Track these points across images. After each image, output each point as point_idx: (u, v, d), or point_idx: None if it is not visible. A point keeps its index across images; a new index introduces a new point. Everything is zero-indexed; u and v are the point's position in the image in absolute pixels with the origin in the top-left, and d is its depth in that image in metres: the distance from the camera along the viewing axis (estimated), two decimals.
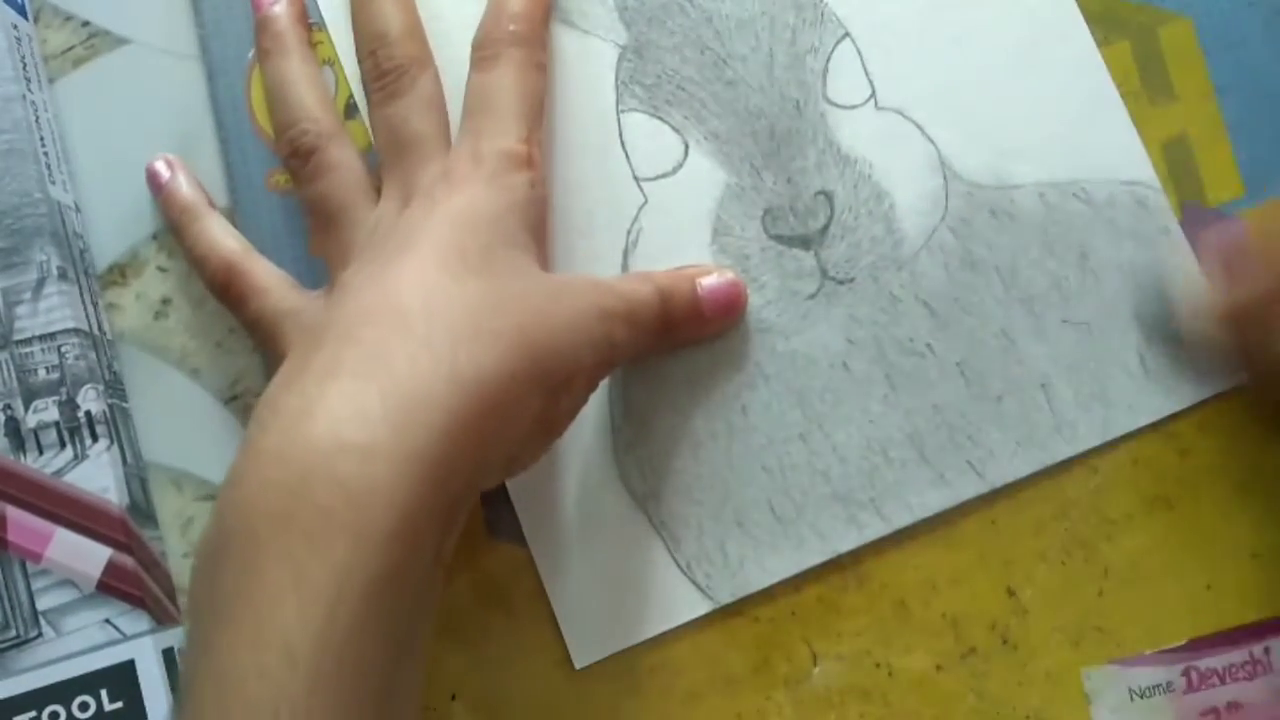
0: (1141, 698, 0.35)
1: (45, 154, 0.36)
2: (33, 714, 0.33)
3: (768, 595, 0.35)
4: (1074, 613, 0.35)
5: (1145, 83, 0.36)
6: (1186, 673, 0.35)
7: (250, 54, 0.37)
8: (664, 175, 0.36)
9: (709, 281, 0.35)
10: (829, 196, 0.36)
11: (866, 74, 0.36)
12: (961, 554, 0.35)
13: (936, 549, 0.35)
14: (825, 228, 0.36)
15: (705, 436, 0.36)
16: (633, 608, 0.35)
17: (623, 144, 0.36)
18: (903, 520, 0.35)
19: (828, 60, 0.36)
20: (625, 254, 0.36)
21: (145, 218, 0.38)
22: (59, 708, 0.34)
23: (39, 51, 0.38)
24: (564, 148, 0.37)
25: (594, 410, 0.36)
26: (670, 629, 0.35)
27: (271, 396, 0.28)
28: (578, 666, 0.35)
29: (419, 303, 0.29)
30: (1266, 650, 0.35)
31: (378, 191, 0.34)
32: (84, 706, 0.34)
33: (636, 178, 0.36)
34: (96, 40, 0.38)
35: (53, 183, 0.36)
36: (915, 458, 0.35)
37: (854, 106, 0.36)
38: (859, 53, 0.36)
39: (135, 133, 0.38)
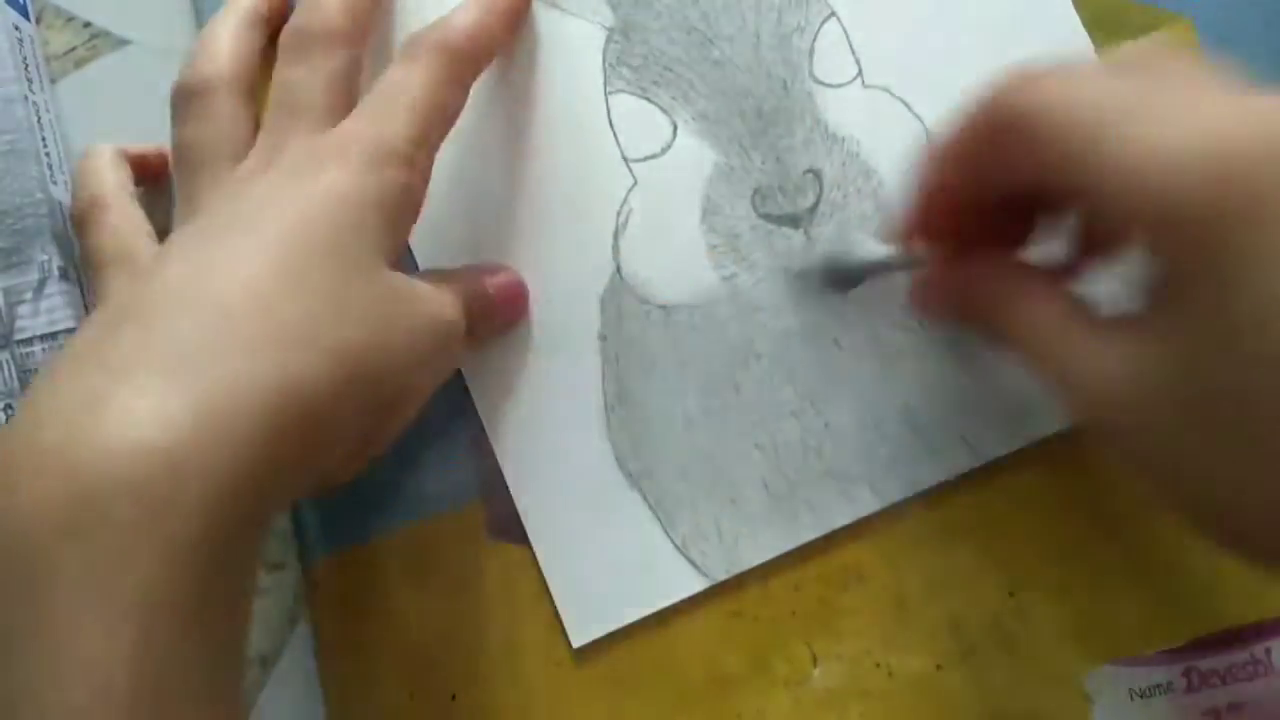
0: (1142, 698, 0.35)
1: (47, 154, 0.36)
2: None
3: (768, 595, 0.35)
4: (1074, 613, 0.35)
5: None
6: (1187, 673, 0.35)
7: None
8: (653, 156, 0.36)
9: (497, 281, 0.35)
10: (817, 175, 0.36)
11: (853, 52, 0.36)
12: (961, 554, 0.35)
13: (937, 549, 0.35)
14: (814, 206, 0.36)
15: (698, 415, 0.36)
16: (629, 585, 0.35)
17: (611, 125, 0.37)
18: (896, 495, 0.35)
19: (814, 39, 0.36)
20: (615, 235, 0.36)
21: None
22: None
23: (41, 52, 0.38)
24: (552, 131, 0.37)
25: (587, 392, 0.36)
26: (669, 613, 0.35)
27: (52, 379, 0.25)
28: (575, 645, 0.35)
29: (248, 301, 0.26)
30: (1268, 651, 0.35)
31: None
32: None
33: (625, 159, 0.37)
34: (98, 41, 0.38)
35: (54, 183, 0.36)
36: (908, 433, 0.35)
37: (841, 85, 0.36)
38: (845, 31, 0.37)
39: (136, 133, 0.38)
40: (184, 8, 0.38)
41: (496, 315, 0.35)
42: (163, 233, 0.33)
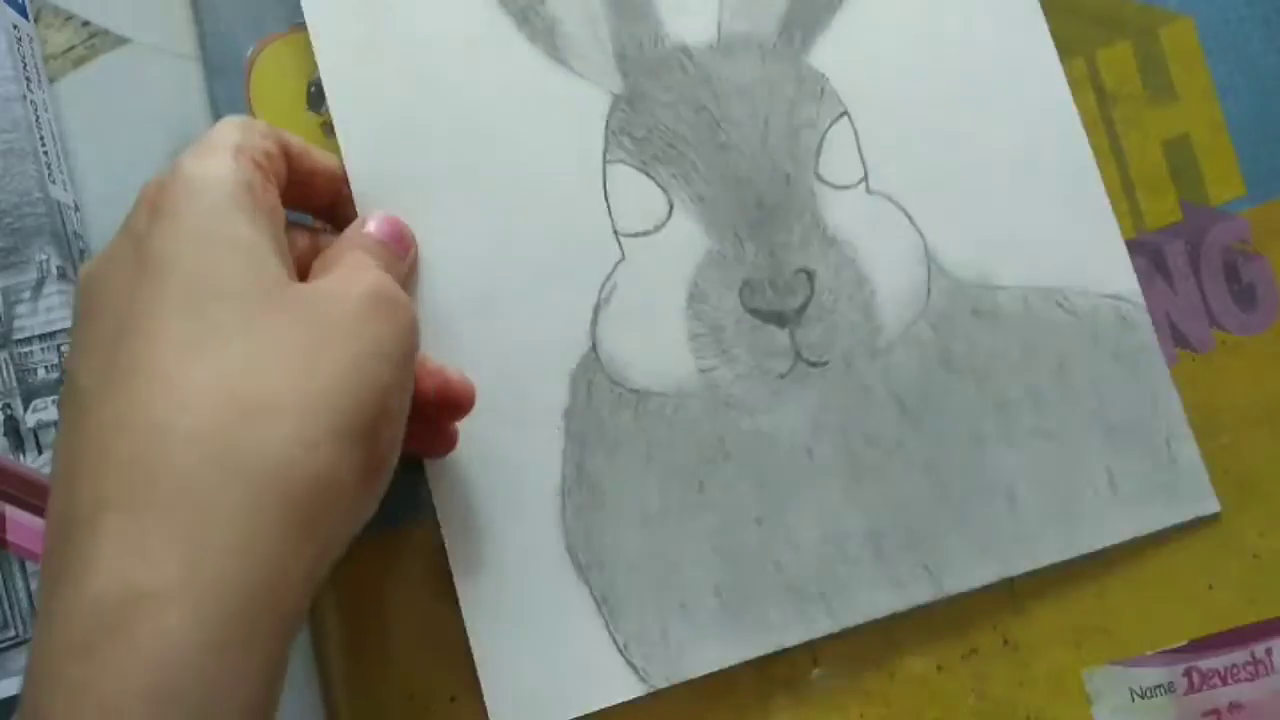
0: (1143, 698, 0.35)
1: (45, 153, 0.36)
2: None
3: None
4: (1075, 613, 0.35)
5: (1146, 83, 0.36)
6: (1188, 673, 0.35)
7: (249, 53, 0.37)
8: (645, 233, 0.35)
9: (377, 227, 0.33)
10: (810, 275, 0.35)
11: (861, 155, 0.36)
12: None
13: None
14: (803, 307, 0.35)
15: (657, 510, 0.35)
16: (563, 682, 0.34)
17: (606, 195, 0.36)
18: (851, 621, 0.34)
19: (823, 137, 0.36)
20: (596, 310, 0.35)
21: None
22: None
23: (39, 51, 0.38)
24: (545, 192, 0.36)
25: (545, 471, 0.35)
26: (600, 710, 0.34)
27: (48, 544, 0.25)
28: None
29: (168, 400, 0.25)
30: (1268, 651, 0.35)
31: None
32: None
33: (616, 232, 0.35)
34: (97, 40, 0.38)
35: (52, 182, 0.36)
36: (870, 556, 0.35)
37: (845, 187, 0.36)
38: (856, 133, 0.36)
39: (135, 132, 0.38)
40: (183, 7, 0.38)
41: (397, 258, 0.33)
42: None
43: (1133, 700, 0.35)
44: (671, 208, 0.35)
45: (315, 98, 0.37)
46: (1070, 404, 0.35)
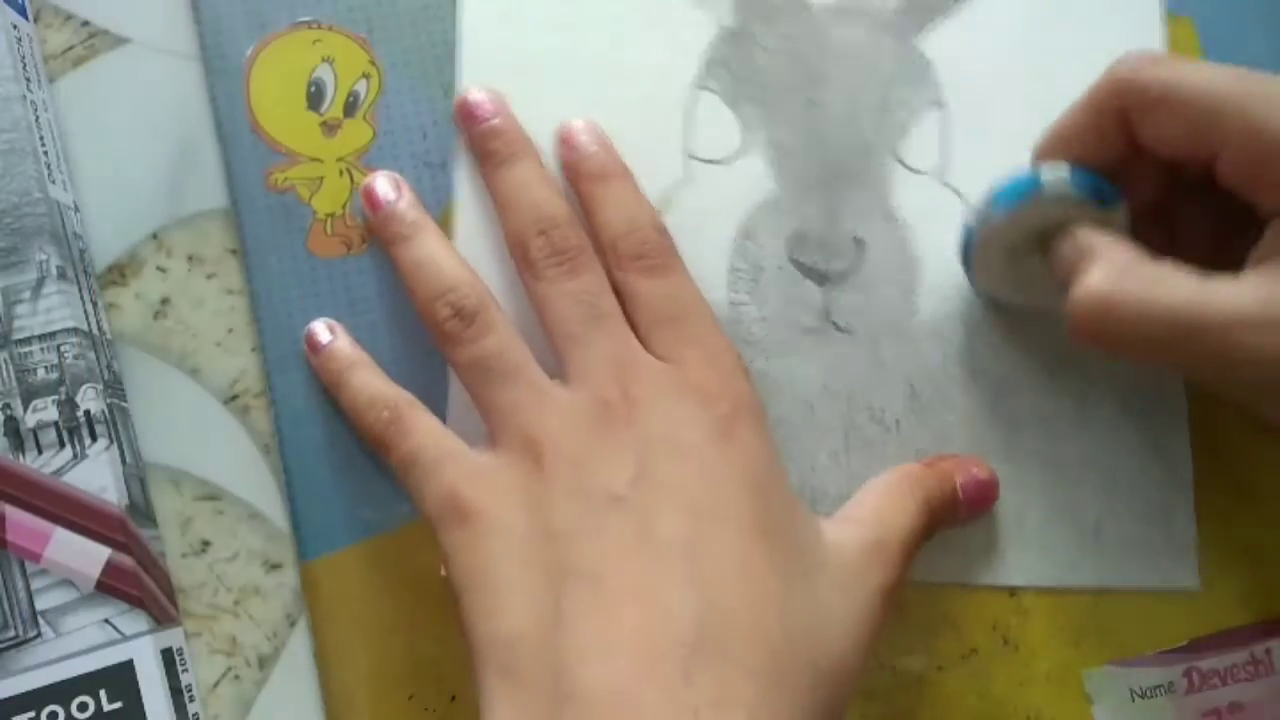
0: (1143, 698, 0.35)
1: (45, 153, 0.36)
2: (31, 714, 0.33)
3: None
4: (1075, 613, 0.35)
5: None
6: (1188, 673, 0.35)
7: (249, 53, 0.37)
8: (714, 161, 0.36)
9: (968, 479, 0.34)
10: (861, 244, 0.35)
11: (945, 146, 0.36)
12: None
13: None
14: (846, 272, 0.35)
15: None
16: None
17: (688, 117, 0.36)
18: None
19: (912, 118, 0.36)
20: None
21: (145, 218, 0.38)
22: (58, 708, 0.34)
23: (39, 51, 0.38)
24: (631, 97, 0.36)
25: None
26: None
27: (648, 700, 0.25)
28: None
29: (778, 626, 0.27)
30: (1268, 651, 0.35)
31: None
32: (83, 707, 0.34)
33: (687, 152, 0.36)
34: (96, 40, 0.38)
35: (52, 182, 0.36)
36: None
37: (920, 172, 0.36)
38: (946, 123, 0.36)
39: (135, 132, 0.38)
40: (183, 7, 0.38)
41: (960, 516, 0.34)
42: None
43: (1132, 700, 0.35)
44: (747, 146, 0.36)
45: (315, 97, 0.37)
46: (1079, 442, 0.35)
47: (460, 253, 0.34)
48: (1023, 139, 0.35)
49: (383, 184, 0.36)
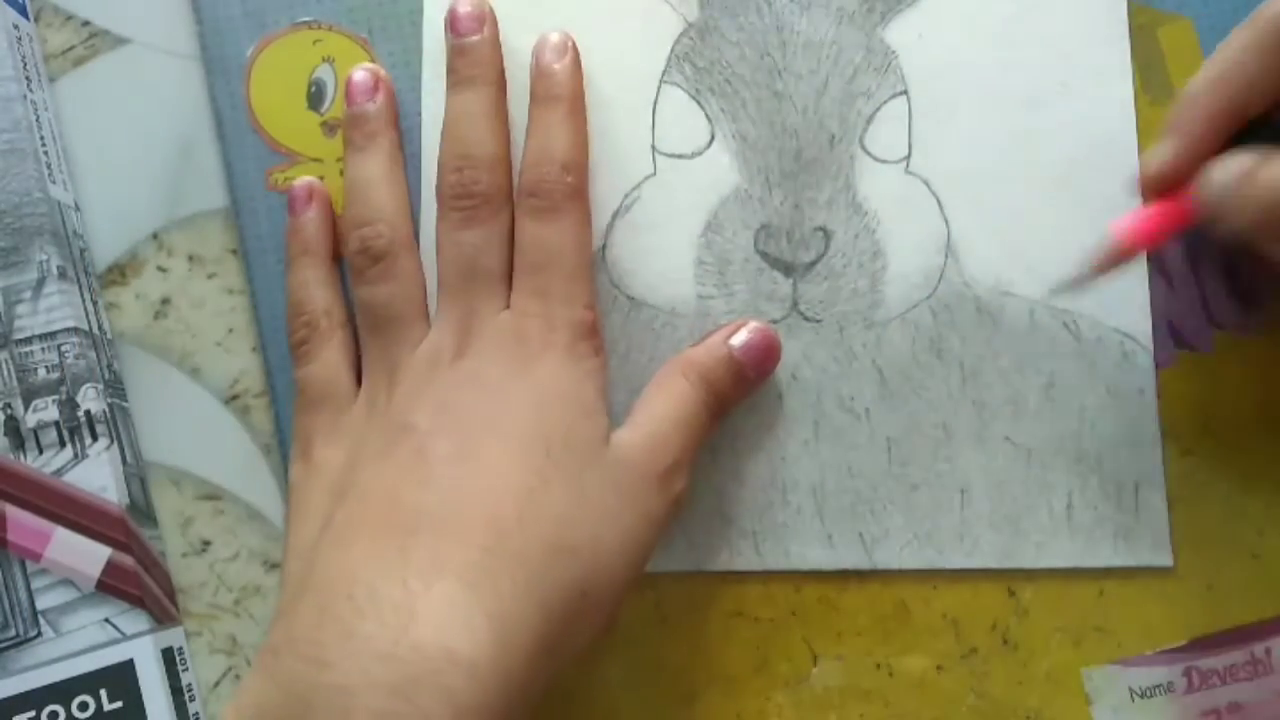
0: (1142, 698, 0.35)
1: (45, 153, 0.36)
2: (32, 714, 0.33)
3: (768, 595, 0.35)
4: (1074, 613, 0.35)
5: (1145, 83, 0.36)
6: (1187, 673, 0.35)
7: (249, 53, 0.37)
8: (681, 156, 0.36)
9: (739, 339, 0.34)
10: (827, 235, 0.35)
11: (909, 135, 0.36)
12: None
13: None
14: (813, 263, 0.35)
15: (620, 411, 0.35)
16: None
17: (654, 112, 0.36)
18: (776, 565, 0.35)
19: (878, 109, 0.36)
20: (615, 215, 0.36)
21: (145, 217, 0.38)
22: (58, 707, 0.34)
23: (39, 51, 0.38)
24: (596, 94, 0.36)
25: None
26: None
27: (365, 575, 0.28)
28: None
29: (514, 511, 0.29)
30: (1267, 650, 0.35)
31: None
32: (83, 706, 0.34)
33: (654, 148, 0.36)
34: (97, 40, 0.38)
35: (53, 182, 0.36)
36: (811, 510, 0.35)
37: (885, 161, 0.36)
38: (910, 113, 0.36)
39: (135, 132, 0.38)
40: (183, 7, 0.38)
41: (749, 379, 0.35)
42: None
43: (1132, 700, 0.35)
44: (712, 139, 0.36)
45: (315, 97, 0.37)
46: (1050, 422, 0.35)
47: (404, 178, 0.36)
48: (988, 127, 0.36)
49: (361, 78, 0.36)
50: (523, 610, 0.28)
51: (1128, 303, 0.35)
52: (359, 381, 0.35)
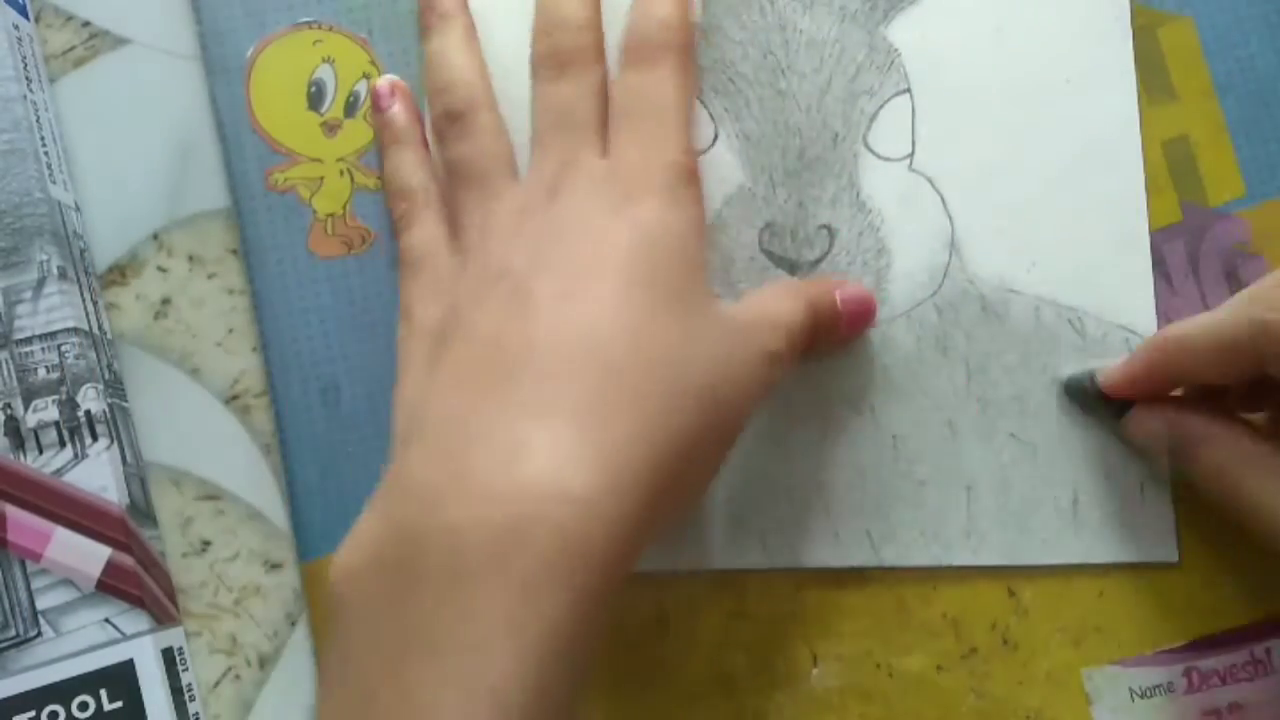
0: (1143, 698, 0.35)
1: (45, 153, 0.36)
2: (32, 714, 0.33)
3: (768, 595, 0.35)
4: (1075, 613, 0.35)
5: (1146, 83, 0.36)
6: (1187, 673, 0.35)
7: (249, 53, 0.37)
8: None
9: (845, 291, 0.34)
10: (832, 233, 0.35)
11: (913, 133, 0.36)
12: None
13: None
14: (817, 261, 0.35)
15: None
16: None
17: None
18: (782, 563, 0.35)
19: (881, 107, 0.36)
20: None
21: (145, 218, 0.38)
22: (58, 707, 0.34)
23: (40, 51, 0.38)
24: None
25: None
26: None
27: (472, 417, 0.27)
28: None
29: (626, 350, 0.28)
30: (1268, 651, 0.35)
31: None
32: (83, 706, 0.34)
33: None
34: (97, 40, 0.38)
35: (53, 182, 0.36)
36: (819, 507, 0.35)
37: (889, 159, 0.36)
38: (913, 111, 0.36)
39: (135, 133, 0.38)
40: (183, 7, 0.38)
41: (841, 329, 0.34)
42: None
43: (1132, 700, 0.35)
44: (716, 138, 0.36)
45: (315, 98, 0.37)
46: (1055, 420, 0.35)
47: (479, 49, 0.36)
48: (991, 124, 0.36)
49: None
50: (636, 453, 0.27)
51: (1133, 299, 0.35)
52: None
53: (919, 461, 0.35)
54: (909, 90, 0.36)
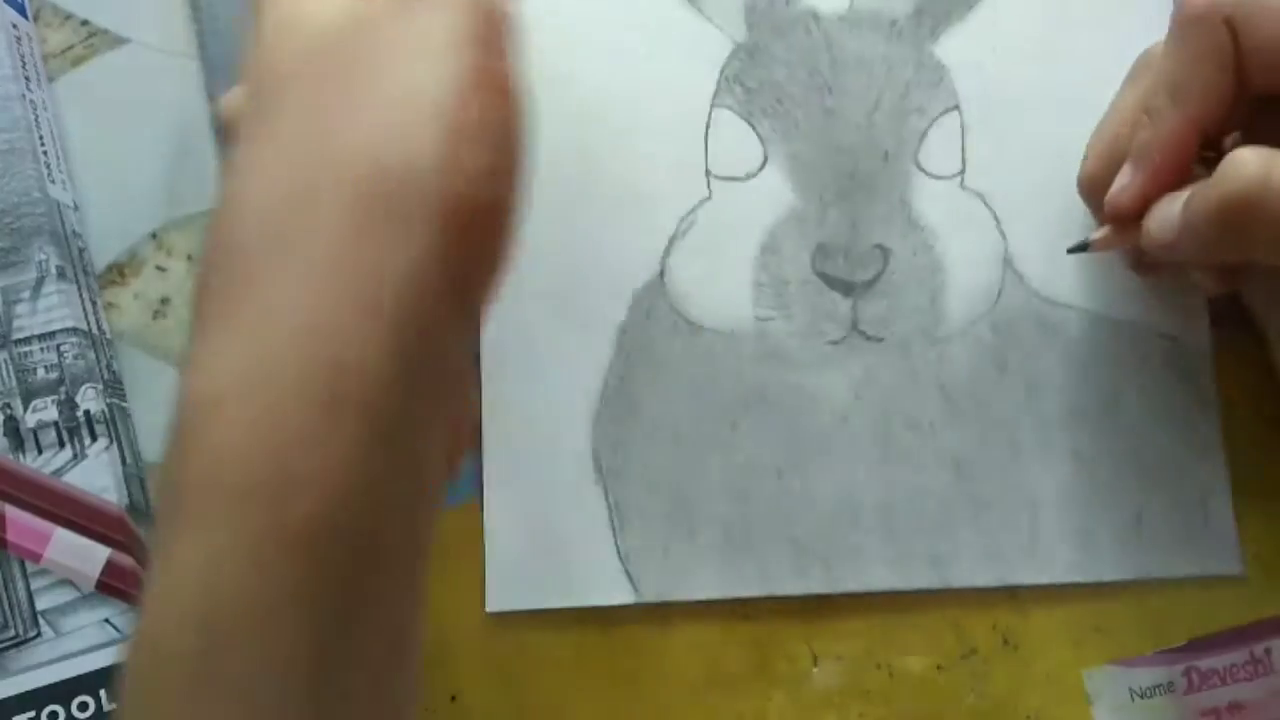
0: (1142, 698, 0.35)
1: (44, 153, 0.36)
2: (32, 714, 0.33)
3: (767, 595, 0.35)
4: (1075, 613, 0.35)
5: None
6: (1187, 673, 0.35)
7: None
8: (734, 178, 0.36)
9: None
10: (885, 252, 0.35)
11: (963, 151, 0.36)
12: None
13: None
14: (872, 281, 0.35)
15: (688, 438, 0.35)
16: (560, 574, 0.35)
17: (706, 136, 0.36)
18: (848, 586, 0.35)
19: (930, 124, 0.36)
20: (672, 240, 0.36)
21: (145, 217, 0.38)
22: (58, 708, 0.34)
23: (38, 50, 0.38)
24: (649, 119, 0.36)
25: (589, 376, 0.36)
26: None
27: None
28: (489, 610, 0.35)
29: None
30: (1267, 650, 0.35)
31: None
32: (83, 706, 0.34)
33: (709, 172, 0.36)
34: (96, 39, 0.38)
35: (52, 182, 0.36)
36: (881, 531, 0.35)
37: (940, 177, 0.36)
38: (963, 128, 0.36)
39: (134, 132, 0.38)
40: (182, 7, 0.38)
41: None
42: None
43: (1132, 700, 0.35)
44: (766, 160, 0.36)
45: None
46: (1114, 436, 0.35)
47: None
48: (1041, 140, 0.36)
49: None
50: (275, 286, 0.23)
51: (1190, 316, 0.36)
52: None
53: (981, 482, 0.35)
54: (958, 107, 0.36)
